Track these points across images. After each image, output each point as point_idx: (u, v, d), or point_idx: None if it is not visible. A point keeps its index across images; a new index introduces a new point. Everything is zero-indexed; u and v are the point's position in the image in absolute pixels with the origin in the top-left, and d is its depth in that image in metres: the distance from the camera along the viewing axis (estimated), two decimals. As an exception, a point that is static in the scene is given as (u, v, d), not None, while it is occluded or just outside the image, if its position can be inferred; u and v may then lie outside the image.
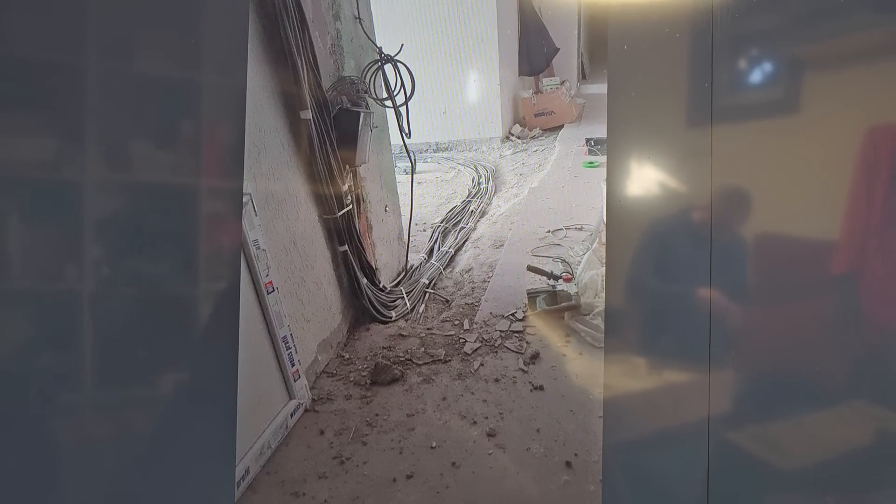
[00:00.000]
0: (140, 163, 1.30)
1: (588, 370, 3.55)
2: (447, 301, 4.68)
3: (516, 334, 4.01)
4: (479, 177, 8.30)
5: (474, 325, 4.19)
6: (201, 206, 1.47)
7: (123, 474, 1.34)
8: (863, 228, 1.09)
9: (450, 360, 3.79)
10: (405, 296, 4.62)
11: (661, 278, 1.41)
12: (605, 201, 1.68)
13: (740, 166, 1.20)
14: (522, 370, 3.61)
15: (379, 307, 4.32)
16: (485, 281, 4.94)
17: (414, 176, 5.07)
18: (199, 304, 1.48)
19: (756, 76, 1.17)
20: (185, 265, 1.45)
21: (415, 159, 4.88)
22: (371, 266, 4.35)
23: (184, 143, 1.42)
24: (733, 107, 1.19)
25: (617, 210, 1.42)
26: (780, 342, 1.27)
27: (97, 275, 1.21)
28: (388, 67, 4.29)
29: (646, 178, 1.36)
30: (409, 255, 5.39)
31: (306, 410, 3.37)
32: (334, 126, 3.73)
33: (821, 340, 1.20)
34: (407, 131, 4.47)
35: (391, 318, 4.37)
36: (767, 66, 1.16)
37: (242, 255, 2.81)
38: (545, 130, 10.80)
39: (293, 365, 3.24)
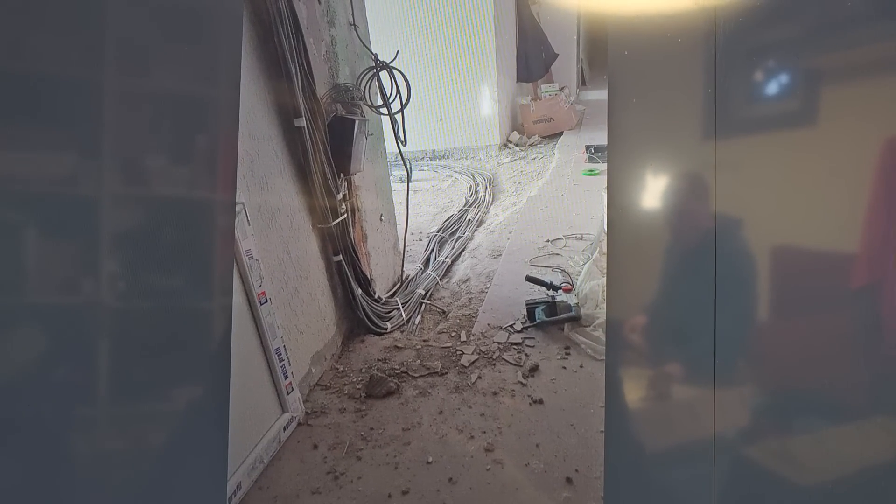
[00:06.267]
0: (130, 173, 1.28)
1: (589, 383, 3.50)
2: (444, 312, 4.63)
3: (515, 346, 3.97)
4: (477, 185, 8.31)
5: (472, 337, 4.15)
6: (193, 216, 1.45)
7: (112, 489, 1.30)
8: (882, 240, 1.05)
9: (447, 373, 3.74)
10: (401, 307, 4.59)
11: (665, 289, 1.37)
12: (605, 210, 1.65)
13: (745, 175, 1.17)
14: (521, 383, 3.56)
15: (374, 318, 4.28)
16: (482, 291, 4.91)
17: (410, 184, 5.03)
18: (190, 315, 1.46)
19: (762, 82, 1.14)
20: (176, 276, 1.42)
21: (410, 167, 4.86)
22: (366, 276, 4.31)
23: (175, 153, 1.40)
24: (738, 114, 1.17)
25: (618, 219, 1.39)
26: (791, 356, 1.24)
27: (83, 286, 1.19)
28: (384, 74, 4.27)
29: (648, 187, 1.33)
30: (405, 265, 5.37)
31: (299, 424, 3.33)
32: (329, 134, 3.70)
33: (837, 354, 1.17)
34: (402, 139, 4.45)
35: (386, 329, 4.33)
36: (773, 72, 1.13)
37: (235, 265, 2.77)
38: (544, 137, 10.84)
39: (286, 377, 3.20)
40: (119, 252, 1.24)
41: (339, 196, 3.82)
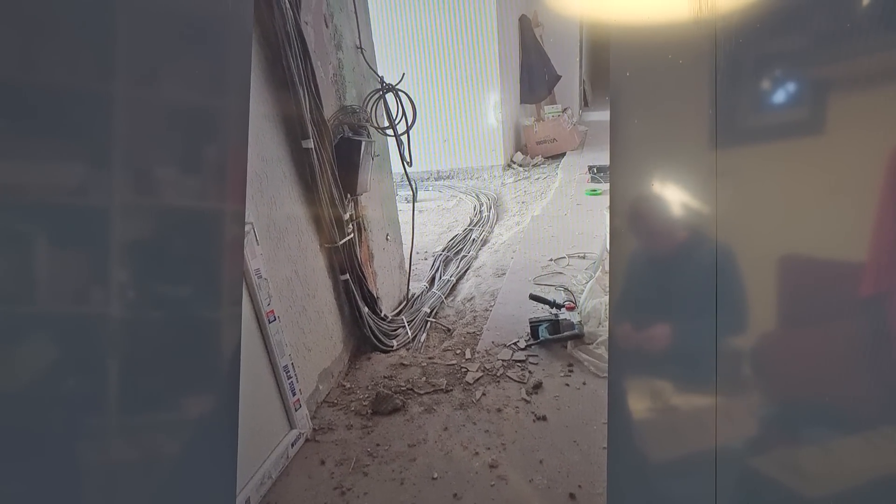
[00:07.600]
0: (141, 188, 1.29)
1: (592, 400, 3.51)
2: (449, 330, 4.65)
3: (519, 364, 3.99)
4: (481, 205, 8.33)
5: (476, 355, 4.17)
6: (203, 233, 1.46)
7: (121, 500, 1.30)
8: (890, 249, 1.04)
9: (451, 390, 3.76)
10: (406, 325, 4.61)
11: (666, 306, 1.39)
12: (608, 229, 1.66)
13: (747, 192, 1.17)
14: (525, 400, 3.58)
15: (380, 336, 4.31)
16: (486, 310, 4.93)
17: (415, 204, 5.07)
18: (200, 333, 1.47)
19: (763, 101, 1.14)
20: (186, 293, 1.43)
21: (416, 187, 4.89)
22: (372, 295, 4.34)
23: (186, 171, 1.41)
24: (739, 135, 1.16)
25: (620, 238, 1.41)
26: (797, 367, 1.23)
27: (93, 300, 1.19)
28: (390, 96, 4.32)
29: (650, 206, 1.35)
30: (411, 283, 5.39)
31: (307, 440, 3.35)
32: (336, 155, 3.75)
33: (844, 365, 1.16)
34: (408, 160, 4.49)
35: (392, 347, 4.35)
36: (775, 91, 1.14)
37: (244, 283, 2.81)
38: (547, 158, 10.89)
39: (294, 394, 3.22)
40: (129, 262, 1.24)
41: (346, 216, 3.86)
